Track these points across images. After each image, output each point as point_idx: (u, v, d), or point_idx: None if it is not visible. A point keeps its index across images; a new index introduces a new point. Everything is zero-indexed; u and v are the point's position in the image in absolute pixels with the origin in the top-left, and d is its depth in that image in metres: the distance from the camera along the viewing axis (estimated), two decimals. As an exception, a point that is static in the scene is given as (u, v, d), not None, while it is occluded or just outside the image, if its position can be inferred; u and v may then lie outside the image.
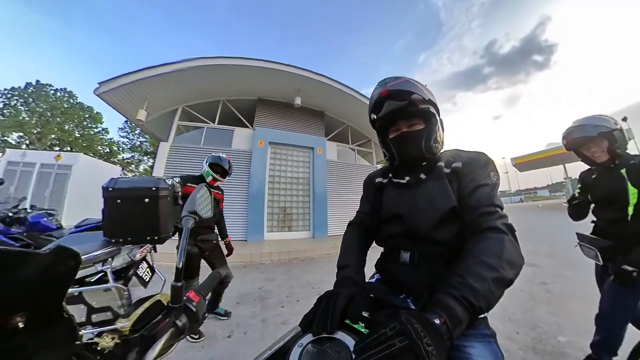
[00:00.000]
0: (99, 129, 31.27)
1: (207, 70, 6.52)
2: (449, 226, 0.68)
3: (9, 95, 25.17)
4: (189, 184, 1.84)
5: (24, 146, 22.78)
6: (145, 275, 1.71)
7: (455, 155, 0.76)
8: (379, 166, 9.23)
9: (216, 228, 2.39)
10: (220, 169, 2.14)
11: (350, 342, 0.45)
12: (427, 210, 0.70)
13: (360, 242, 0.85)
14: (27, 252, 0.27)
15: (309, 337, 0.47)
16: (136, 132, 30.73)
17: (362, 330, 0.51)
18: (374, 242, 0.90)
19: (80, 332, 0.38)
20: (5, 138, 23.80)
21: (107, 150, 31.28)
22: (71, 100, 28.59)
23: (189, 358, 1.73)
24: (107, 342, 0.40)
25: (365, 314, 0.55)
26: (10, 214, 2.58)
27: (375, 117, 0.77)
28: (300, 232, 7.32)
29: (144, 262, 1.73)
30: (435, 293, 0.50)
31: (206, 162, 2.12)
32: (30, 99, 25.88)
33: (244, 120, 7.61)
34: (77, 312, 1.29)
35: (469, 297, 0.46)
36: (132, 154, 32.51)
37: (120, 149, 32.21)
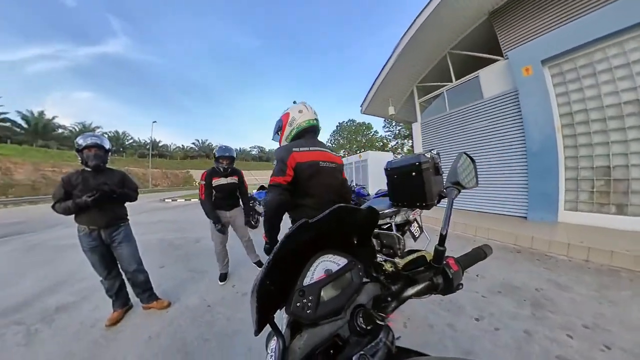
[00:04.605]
0: (372, 132, 44.25)
1: (418, 33, 5.61)
2: None
3: (333, 134, 48.44)
4: None
5: (345, 155, 37.80)
6: (416, 232, 2.13)
7: None
8: None
9: None
10: None
11: None
12: None
13: None
14: (358, 208, 0.51)
15: None
16: (393, 124, 37.42)
17: None
18: None
19: (376, 255, 0.58)
20: (339, 155, 45.30)
21: (381, 144, 42.05)
22: (354, 123, 45.70)
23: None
24: (387, 267, 0.52)
25: None
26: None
27: None
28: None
29: (415, 222, 2.14)
30: None
31: None
32: (340, 132, 47.72)
33: (485, 56, 5.39)
34: (375, 243, 1.98)
35: None
36: (396, 141, 40.17)
37: (387, 140, 41.61)
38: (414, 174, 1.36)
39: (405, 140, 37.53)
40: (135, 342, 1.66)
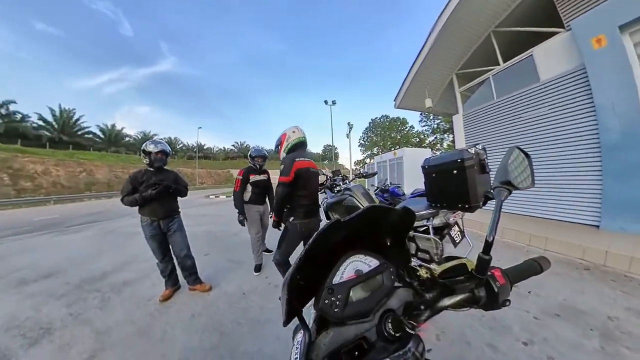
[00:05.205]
0: (408, 127, 41.84)
1: (457, 12, 4.96)
2: None
3: (366, 132, 47.17)
4: None
5: (379, 153, 36.47)
6: (456, 237, 1.89)
7: None
8: None
9: None
10: None
11: None
12: None
13: None
14: (393, 208, 0.48)
15: None
16: (430, 117, 34.85)
17: None
18: None
19: (411, 259, 0.53)
20: (372, 152, 42.24)
21: (418, 139, 39.52)
22: (388, 119, 43.61)
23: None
24: (422, 272, 0.48)
25: None
26: (383, 187, 4.54)
27: None
28: None
29: (456, 225, 1.91)
30: None
31: None
32: (373, 129, 45.99)
33: (539, 30, 4.55)
34: (410, 247, 1.84)
35: None
36: (435, 136, 37.31)
37: (425, 135, 38.90)
38: (455, 172, 1.22)
39: (445, 135, 34.59)
40: (181, 317, 1.88)
